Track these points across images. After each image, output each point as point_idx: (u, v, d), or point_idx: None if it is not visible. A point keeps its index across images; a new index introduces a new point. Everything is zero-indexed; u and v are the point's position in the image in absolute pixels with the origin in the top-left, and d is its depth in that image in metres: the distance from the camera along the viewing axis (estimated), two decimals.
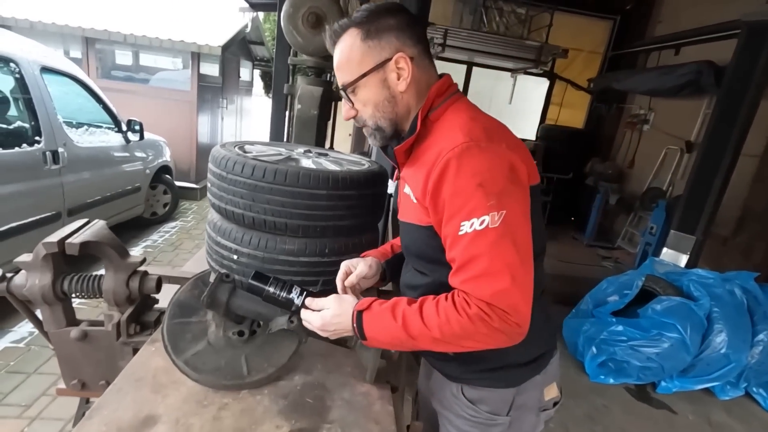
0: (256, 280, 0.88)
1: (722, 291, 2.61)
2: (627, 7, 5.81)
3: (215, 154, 1.27)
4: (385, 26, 0.80)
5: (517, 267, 0.70)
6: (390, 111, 0.84)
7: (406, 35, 0.82)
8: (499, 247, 0.69)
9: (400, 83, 0.82)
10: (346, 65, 0.84)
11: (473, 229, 0.70)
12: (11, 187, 2.44)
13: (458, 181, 0.72)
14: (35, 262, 1.04)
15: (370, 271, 1.01)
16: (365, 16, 0.81)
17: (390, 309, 0.77)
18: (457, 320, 0.70)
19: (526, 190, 0.76)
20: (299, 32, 1.62)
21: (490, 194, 0.70)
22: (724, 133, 3.19)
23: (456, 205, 0.72)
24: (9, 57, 2.57)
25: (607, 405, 2.49)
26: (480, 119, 0.80)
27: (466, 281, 0.71)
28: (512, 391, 0.89)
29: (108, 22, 5.20)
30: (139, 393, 0.84)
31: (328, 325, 0.83)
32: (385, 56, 0.81)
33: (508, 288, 0.68)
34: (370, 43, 0.81)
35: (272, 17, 10.72)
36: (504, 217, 0.69)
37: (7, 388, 2.06)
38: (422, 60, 0.84)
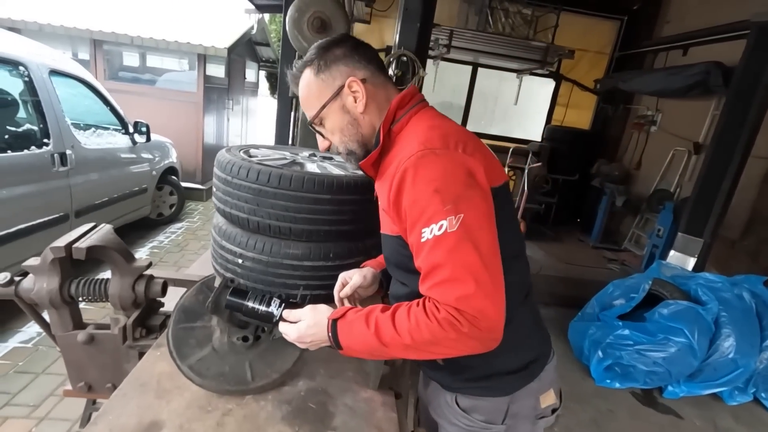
0: (234, 296, 0.88)
1: (730, 295, 2.58)
2: (634, 7, 5.76)
3: (220, 159, 1.28)
4: (332, 57, 0.86)
5: (479, 270, 0.68)
6: (355, 133, 0.88)
7: (355, 60, 0.87)
8: (458, 251, 0.69)
9: (358, 105, 0.86)
10: (307, 102, 0.90)
11: (433, 235, 0.70)
12: (20, 189, 2.46)
13: (415, 188, 0.73)
14: (43, 266, 1.05)
15: (365, 281, 1.02)
16: (315, 54, 0.87)
17: (364, 316, 0.76)
18: (427, 325, 0.69)
19: (487, 193, 0.75)
20: (304, 37, 1.63)
21: (447, 199, 0.70)
22: (733, 134, 3.16)
23: (416, 213, 0.73)
24: (19, 60, 2.60)
25: (612, 410, 2.47)
26: (439, 127, 0.81)
27: (431, 288, 0.71)
28: (506, 399, 0.89)
29: (115, 25, 5.25)
30: (143, 398, 0.85)
31: (304, 336, 0.82)
32: (338, 84, 0.85)
33: (473, 293, 0.67)
34: (323, 76, 0.86)
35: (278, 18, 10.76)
36: (462, 220, 0.69)
37: (16, 388, 2.08)
38: (376, 78, 0.88)
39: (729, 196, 3.23)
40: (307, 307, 0.85)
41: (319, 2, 1.53)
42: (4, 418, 1.91)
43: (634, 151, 5.63)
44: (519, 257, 0.88)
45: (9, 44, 2.63)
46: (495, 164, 0.83)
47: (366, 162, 0.87)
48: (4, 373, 2.16)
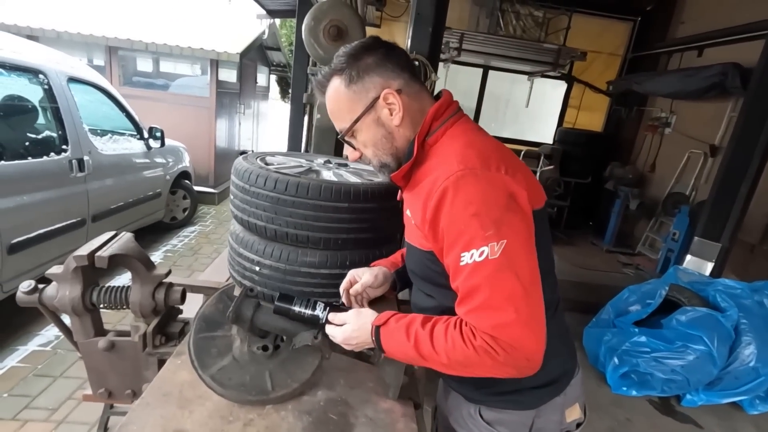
0: (282, 302, 0.91)
1: (751, 302, 2.52)
2: (648, 8, 5.70)
3: (238, 167, 1.29)
4: (364, 67, 0.81)
5: (520, 299, 0.67)
6: (390, 146, 0.85)
7: (388, 68, 0.82)
8: (499, 279, 0.67)
9: (394, 118, 0.82)
10: (337, 114, 0.85)
11: (473, 261, 0.68)
12: (39, 195, 2.51)
13: (453, 210, 0.71)
14: (66, 274, 1.07)
15: (376, 281, 1.04)
16: (344, 62, 0.82)
17: (405, 327, 0.78)
18: (462, 350, 0.70)
19: (528, 216, 0.73)
20: (320, 45, 1.63)
21: (487, 224, 0.68)
22: (751, 136, 3.10)
23: (453, 236, 0.71)
24: (39, 69, 2.65)
25: (630, 418, 2.43)
26: (477, 144, 0.78)
27: (469, 312, 0.71)
28: (531, 413, 0.87)
29: (130, 31, 5.35)
30: (166, 408, 0.85)
31: (349, 339, 0.85)
32: (372, 96, 0.81)
33: (512, 321, 0.67)
34: (355, 87, 0.81)
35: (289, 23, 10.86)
36: (504, 247, 0.68)
37: (35, 391, 2.11)
38: (410, 87, 0.83)
39: (748, 200, 3.17)
40: (351, 311, 0.87)
41: (336, 10, 1.54)
42: (23, 421, 1.94)
43: (648, 154, 5.56)
44: (550, 273, 0.87)
45: (29, 53, 2.68)
46: (536, 185, 0.80)
47: (397, 175, 0.84)
48: (24, 377, 2.20)
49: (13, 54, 2.51)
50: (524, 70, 5.86)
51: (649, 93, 5.34)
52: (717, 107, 4.46)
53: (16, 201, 2.35)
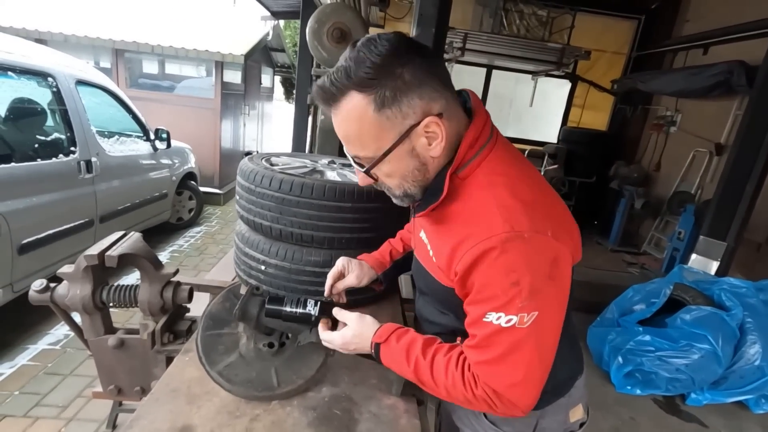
0: (272, 304, 0.91)
1: (756, 301, 2.51)
2: (652, 6, 5.67)
3: (243, 168, 1.31)
4: (402, 87, 0.64)
5: (535, 368, 0.68)
6: (421, 178, 0.73)
7: (431, 87, 0.66)
8: (521, 348, 0.67)
9: (434, 148, 0.68)
10: (357, 140, 0.69)
11: (499, 324, 0.66)
12: (49, 196, 2.55)
13: (492, 273, 0.65)
14: (77, 273, 1.09)
15: (359, 283, 1.03)
16: (371, 75, 0.63)
17: (405, 349, 0.77)
18: (462, 392, 0.72)
19: (567, 281, 0.70)
20: (324, 47, 1.65)
21: (524, 295, 0.64)
22: (757, 134, 3.09)
23: (485, 295, 0.67)
24: (47, 72, 2.69)
25: (634, 417, 2.43)
26: (522, 191, 0.68)
27: (480, 363, 0.70)
28: (536, 413, 0.87)
29: (136, 34, 5.40)
30: (175, 403, 0.87)
31: (348, 344, 0.84)
32: (410, 123, 0.66)
33: (520, 383, 0.68)
34: (388, 112, 0.64)
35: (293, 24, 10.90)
36: (535, 318, 0.65)
37: (45, 389, 2.15)
38: (452, 106, 0.70)
39: (753, 198, 3.16)
40: (354, 314, 0.86)
41: (339, 13, 1.55)
42: (34, 418, 1.97)
43: (653, 153, 5.53)
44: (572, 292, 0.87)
45: (38, 56, 2.72)
46: (577, 238, 0.74)
47: (423, 214, 0.76)
48: (35, 375, 2.24)
49: (23, 57, 2.55)
50: (528, 70, 5.85)
51: (654, 92, 5.31)
52: (722, 105, 4.44)
53: (25, 202, 2.39)
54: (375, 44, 0.64)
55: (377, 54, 0.63)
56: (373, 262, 1.08)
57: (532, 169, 0.76)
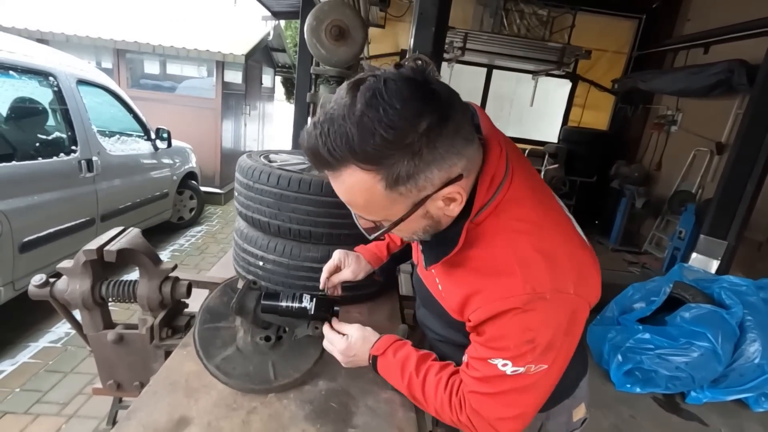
0: (268, 300, 0.92)
1: (756, 299, 2.51)
2: (653, 6, 5.67)
3: (242, 164, 1.31)
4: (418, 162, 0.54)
5: (531, 408, 0.70)
6: (433, 231, 0.68)
7: (453, 152, 0.56)
8: (523, 392, 0.67)
9: (452, 210, 0.62)
10: (363, 209, 0.63)
11: (504, 371, 0.65)
12: (50, 195, 2.56)
13: (507, 328, 0.63)
14: (76, 268, 1.10)
15: (355, 278, 1.04)
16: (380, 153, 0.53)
17: (400, 365, 0.81)
18: (449, 416, 0.75)
19: (581, 330, 0.69)
20: (322, 45, 1.66)
21: (537, 352, 0.63)
22: (757, 133, 3.09)
23: (496, 345, 0.65)
24: (49, 71, 2.71)
25: (634, 416, 2.43)
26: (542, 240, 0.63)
27: (474, 394, 0.71)
28: (541, 416, 0.87)
29: (138, 34, 5.42)
30: (172, 396, 0.88)
31: (349, 350, 0.87)
32: (425, 195, 0.59)
33: (511, 419, 0.70)
34: (402, 189, 0.57)
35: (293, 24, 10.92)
36: (542, 371, 0.65)
37: (46, 386, 2.16)
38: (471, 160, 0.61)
39: (754, 197, 3.15)
40: (354, 325, 0.88)
41: (337, 11, 1.56)
42: (35, 415, 1.98)
43: (654, 152, 5.53)
44: None
45: (40, 56, 2.74)
46: (597, 283, 0.68)
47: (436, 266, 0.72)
48: (36, 372, 2.25)
49: (25, 57, 2.57)
50: (529, 69, 5.85)
51: (655, 91, 5.31)
52: (723, 105, 4.44)
53: (27, 201, 2.40)
54: (384, 108, 0.51)
55: (388, 125, 0.51)
56: (370, 256, 1.08)
57: (551, 198, 0.72)
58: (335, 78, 1.85)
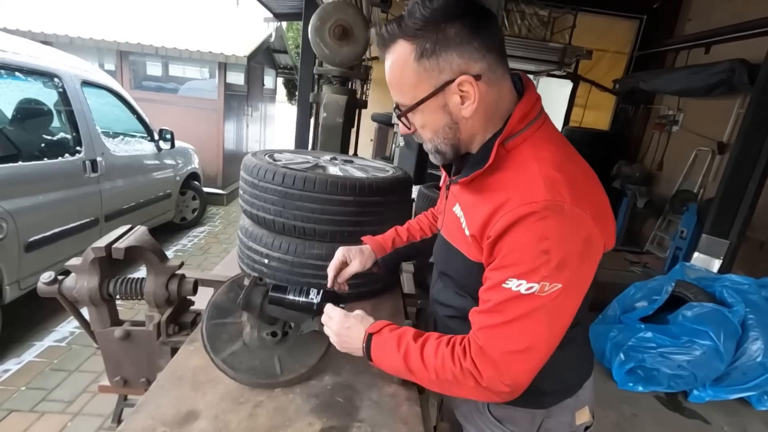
0: (275, 292, 0.93)
1: (758, 297, 2.52)
2: (654, 6, 5.68)
3: (247, 163, 1.33)
4: (444, 41, 0.66)
5: (540, 341, 0.67)
6: (452, 137, 0.74)
7: (472, 47, 0.67)
8: (534, 316, 0.65)
9: (465, 108, 0.70)
10: (398, 85, 0.73)
11: (518, 290, 0.65)
12: (54, 195, 2.58)
13: (524, 238, 0.64)
14: (84, 265, 1.11)
15: (363, 268, 1.05)
16: (419, 27, 0.67)
17: (396, 338, 0.78)
18: (451, 369, 0.70)
19: (595, 263, 0.69)
20: (326, 44, 1.67)
21: (552, 265, 0.63)
22: (759, 133, 3.09)
23: (511, 260, 0.66)
24: (54, 73, 2.73)
25: (636, 414, 2.43)
26: (567, 167, 0.69)
27: (484, 328, 0.69)
28: (542, 413, 0.86)
29: (140, 36, 5.45)
30: (180, 390, 0.89)
31: (344, 322, 0.84)
32: (445, 79, 0.68)
33: (520, 352, 0.66)
34: (426, 64, 0.67)
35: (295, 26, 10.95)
36: (555, 291, 0.64)
37: (51, 384, 2.17)
38: (493, 72, 0.69)
39: (756, 197, 3.16)
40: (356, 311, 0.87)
41: (341, 11, 1.58)
42: (40, 413, 2.00)
43: (656, 152, 5.54)
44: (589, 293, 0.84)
45: (45, 57, 2.76)
46: (612, 228, 0.74)
47: (465, 180, 0.74)
48: (41, 371, 2.26)
49: (30, 58, 2.59)
50: (530, 70, 5.85)
51: (656, 91, 5.32)
52: (724, 104, 4.44)
53: (32, 201, 2.42)
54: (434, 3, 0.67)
55: (428, 8, 0.66)
56: (374, 245, 1.09)
57: (577, 154, 0.76)
58: (338, 78, 1.87)
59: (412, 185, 1.50)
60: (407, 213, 1.47)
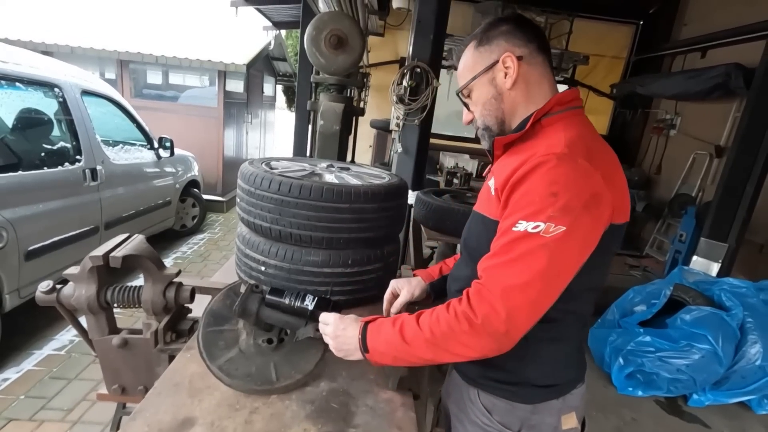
0: (273, 295, 0.96)
1: (756, 300, 2.52)
2: (651, 11, 5.73)
3: (244, 171, 1.34)
4: (495, 33, 0.86)
5: (537, 281, 0.69)
6: (496, 108, 0.88)
7: (516, 36, 0.85)
8: (535, 254, 0.69)
9: (507, 80, 0.85)
10: (462, 72, 0.91)
11: (525, 230, 0.70)
12: (55, 203, 2.60)
13: (537, 182, 0.71)
14: (82, 274, 1.12)
15: (412, 297, 1.08)
16: (482, 29, 0.89)
17: (392, 319, 0.81)
18: (445, 318, 0.73)
19: (600, 223, 0.73)
20: (322, 54, 1.70)
21: (558, 206, 0.69)
22: (755, 136, 3.11)
23: (522, 203, 0.72)
24: (54, 82, 2.76)
25: (636, 418, 2.43)
26: (588, 139, 0.79)
27: (487, 267, 0.74)
28: (528, 408, 0.87)
29: (140, 45, 5.50)
30: (177, 397, 0.90)
31: (339, 324, 0.86)
32: (494, 58, 0.85)
33: (517, 288, 0.69)
34: (482, 49, 0.87)
35: (294, 34, 11.03)
36: (559, 233, 0.68)
37: (51, 393, 2.18)
38: (533, 58, 0.85)
39: (754, 200, 3.17)
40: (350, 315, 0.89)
41: (336, 20, 1.60)
42: (40, 421, 2.00)
43: (654, 156, 5.55)
44: (597, 290, 0.88)
45: (45, 67, 2.79)
46: (625, 200, 0.80)
47: (502, 139, 0.86)
48: (40, 379, 2.27)
49: (30, 69, 2.62)
50: None
51: (654, 95, 5.34)
52: (721, 108, 4.46)
53: (32, 209, 2.43)
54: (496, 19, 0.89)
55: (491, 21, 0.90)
56: (424, 275, 1.14)
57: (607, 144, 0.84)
58: (335, 86, 1.89)
59: (407, 192, 1.51)
60: (402, 219, 1.48)
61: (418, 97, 2.59)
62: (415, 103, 2.61)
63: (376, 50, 6.06)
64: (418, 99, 2.56)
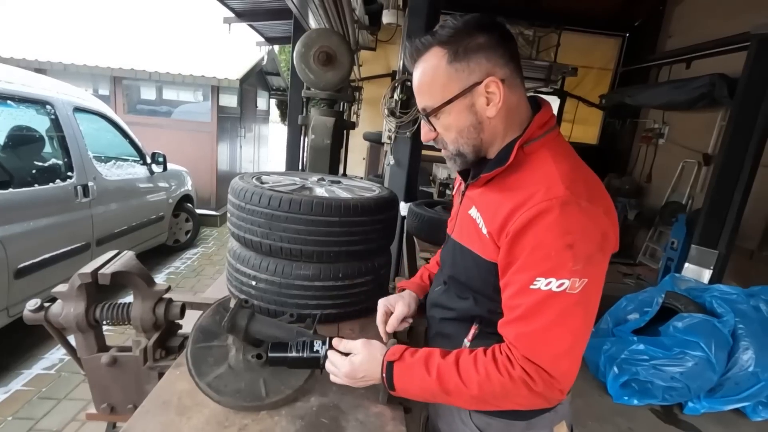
0: (275, 352, 0.91)
1: (747, 307, 2.54)
2: (636, 24, 5.86)
3: (234, 186, 1.35)
4: (474, 46, 0.72)
5: (580, 337, 0.69)
6: (475, 137, 0.78)
7: (498, 54, 0.73)
8: (571, 314, 0.67)
9: (490, 109, 0.74)
10: (428, 89, 0.77)
11: (549, 289, 0.66)
12: (46, 220, 2.58)
13: (547, 234, 0.66)
14: (71, 291, 1.12)
15: (409, 311, 1.03)
16: (452, 35, 0.73)
17: (423, 361, 0.75)
18: (499, 380, 0.69)
19: (608, 256, 0.72)
20: (311, 69, 1.72)
21: (578, 259, 0.65)
22: (740, 144, 3.17)
23: (536, 258, 0.67)
24: (46, 100, 2.77)
25: (632, 428, 2.42)
26: (581, 171, 0.75)
27: (523, 336, 0.69)
28: (522, 424, 0.86)
29: (134, 61, 5.53)
30: (165, 415, 0.89)
31: (356, 371, 0.82)
32: (474, 80, 0.73)
33: (566, 354, 0.68)
34: (457, 65, 0.73)
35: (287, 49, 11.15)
36: (585, 285, 0.66)
37: (40, 413, 2.14)
38: (513, 80, 0.76)
39: (742, 206, 3.22)
40: (359, 340, 0.85)
41: (325, 37, 1.63)
42: None
43: (644, 164, 5.63)
44: None
45: (37, 85, 2.80)
46: (617, 231, 0.76)
47: (487, 176, 0.78)
48: (28, 399, 2.23)
49: (22, 86, 2.63)
50: None
51: (642, 105, 5.45)
52: (708, 117, 4.55)
53: (23, 227, 2.42)
54: (463, 16, 0.75)
55: (462, 20, 0.74)
56: (414, 287, 1.09)
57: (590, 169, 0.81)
58: (325, 101, 1.91)
59: (398, 205, 1.53)
60: (393, 232, 1.49)
61: (409, 110, 2.62)
62: (406, 116, 2.64)
63: (369, 64, 6.15)
64: (409, 112, 2.60)
